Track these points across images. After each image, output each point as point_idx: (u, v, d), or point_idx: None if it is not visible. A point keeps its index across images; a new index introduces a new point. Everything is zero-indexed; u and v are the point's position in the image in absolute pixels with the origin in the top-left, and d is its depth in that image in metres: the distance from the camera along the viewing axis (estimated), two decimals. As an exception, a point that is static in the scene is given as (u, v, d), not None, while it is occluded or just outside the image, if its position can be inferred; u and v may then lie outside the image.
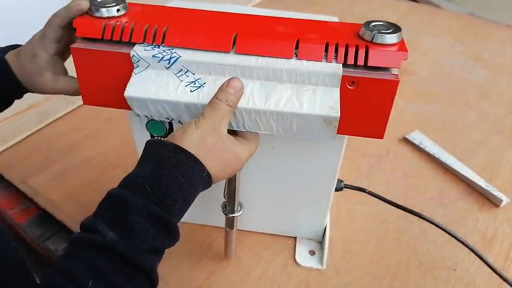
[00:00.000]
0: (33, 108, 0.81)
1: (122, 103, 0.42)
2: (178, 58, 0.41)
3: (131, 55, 0.41)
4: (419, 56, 1.04)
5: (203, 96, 0.40)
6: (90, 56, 0.42)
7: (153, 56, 0.41)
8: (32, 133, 0.77)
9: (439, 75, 0.98)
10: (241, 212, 0.52)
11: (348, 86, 0.39)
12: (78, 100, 0.85)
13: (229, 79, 0.39)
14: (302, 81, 0.40)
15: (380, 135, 0.42)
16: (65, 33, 0.46)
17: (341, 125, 0.40)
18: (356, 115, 0.41)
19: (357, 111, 0.40)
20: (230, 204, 0.51)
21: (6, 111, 0.80)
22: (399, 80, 0.39)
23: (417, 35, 1.13)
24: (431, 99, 0.89)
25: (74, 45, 0.42)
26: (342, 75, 0.39)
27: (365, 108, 0.40)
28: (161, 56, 0.41)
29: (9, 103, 0.54)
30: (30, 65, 0.48)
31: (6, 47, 0.52)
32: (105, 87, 0.43)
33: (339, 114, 0.38)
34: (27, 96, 0.77)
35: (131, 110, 0.42)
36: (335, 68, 0.39)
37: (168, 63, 0.41)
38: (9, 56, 0.50)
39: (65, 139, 0.76)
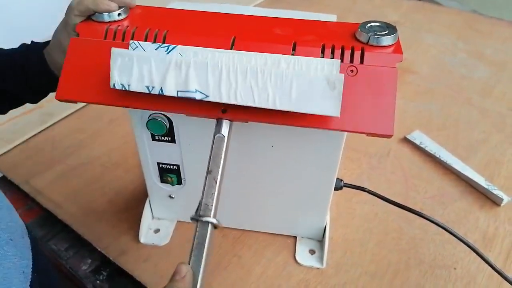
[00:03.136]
0: (36, 110, 0.82)
1: (102, 96, 0.41)
2: (176, 46, 0.41)
3: (129, 43, 0.41)
4: (420, 54, 1.04)
5: (196, 59, 0.39)
6: (87, 46, 0.43)
7: (152, 43, 0.41)
8: (35, 134, 0.78)
9: (440, 73, 0.97)
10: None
11: (348, 74, 0.39)
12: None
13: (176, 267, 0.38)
14: (300, 68, 0.39)
15: (388, 130, 0.39)
16: None
17: (345, 120, 0.38)
18: (360, 107, 0.39)
19: (360, 103, 0.39)
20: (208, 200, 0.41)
21: (10, 113, 0.81)
22: (396, 68, 0.39)
23: (419, 33, 1.12)
24: (432, 97, 0.89)
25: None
26: (341, 63, 0.39)
27: (368, 99, 0.39)
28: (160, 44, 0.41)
29: (45, 95, 0.56)
30: (57, 55, 0.49)
31: (45, 42, 0.53)
32: (90, 79, 0.42)
33: (343, 76, 0.37)
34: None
35: (108, 104, 0.42)
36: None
37: (166, 50, 0.41)
38: (45, 52, 0.51)
39: (67, 140, 0.77)
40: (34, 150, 0.75)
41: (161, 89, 0.38)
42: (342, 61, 0.40)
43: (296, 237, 0.60)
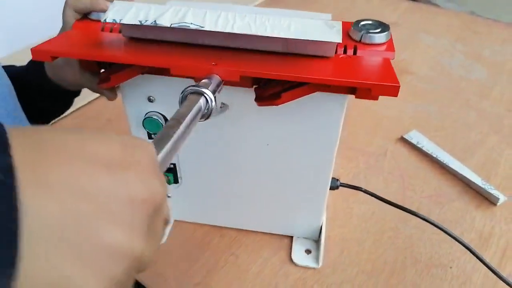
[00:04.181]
0: (35, 109, 0.82)
1: (84, 50, 0.40)
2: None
3: None
4: (418, 55, 1.04)
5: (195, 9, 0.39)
6: (86, 26, 0.44)
7: None
8: (34, 134, 0.78)
9: (438, 74, 0.98)
10: None
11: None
12: (80, 101, 0.86)
13: None
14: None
15: (393, 81, 0.36)
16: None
17: (347, 74, 0.37)
18: (361, 70, 0.39)
19: (360, 67, 0.39)
20: None
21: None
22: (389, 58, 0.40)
23: (417, 34, 1.13)
24: (430, 98, 0.90)
25: None
26: (335, 54, 0.40)
27: (368, 65, 0.39)
28: None
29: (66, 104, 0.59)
30: (58, 59, 0.50)
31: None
32: (75, 43, 0.42)
33: (341, 21, 0.37)
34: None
35: (89, 58, 0.41)
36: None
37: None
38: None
39: (66, 139, 0.77)
40: (33, 150, 0.75)
41: (154, 21, 0.37)
42: None
43: (292, 236, 0.61)
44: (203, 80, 0.36)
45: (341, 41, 0.36)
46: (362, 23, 0.42)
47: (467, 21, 1.21)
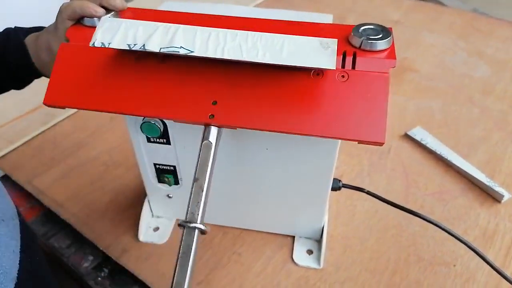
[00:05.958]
0: (38, 110, 0.83)
1: (88, 101, 0.41)
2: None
3: None
4: (421, 53, 1.03)
5: (186, 26, 0.38)
6: (76, 53, 0.43)
7: None
8: (38, 134, 0.79)
9: (441, 72, 0.97)
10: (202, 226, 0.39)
11: (338, 79, 0.39)
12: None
13: None
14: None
15: (379, 138, 0.37)
16: None
17: (336, 127, 0.38)
18: (350, 113, 0.38)
19: (351, 109, 0.38)
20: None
21: (13, 113, 0.82)
22: (388, 74, 0.39)
23: (420, 33, 1.12)
24: (433, 95, 0.89)
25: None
26: (332, 70, 0.39)
27: (359, 106, 0.38)
28: None
29: (29, 83, 0.56)
30: (45, 55, 0.49)
31: (29, 28, 0.53)
32: (78, 85, 0.42)
33: (336, 40, 0.36)
34: (32, 98, 0.79)
35: (91, 109, 0.41)
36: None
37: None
38: (29, 41, 0.51)
39: (69, 139, 0.78)
40: (36, 150, 0.76)
41: (143, 45, 0.37)
42: None
43: (294, 236, 0.61)
44: (191, 212, 0.39)
45: (334, 68, 0.36)
46: (363, 28, 0.40)
47: (470, 19, 1.20)
